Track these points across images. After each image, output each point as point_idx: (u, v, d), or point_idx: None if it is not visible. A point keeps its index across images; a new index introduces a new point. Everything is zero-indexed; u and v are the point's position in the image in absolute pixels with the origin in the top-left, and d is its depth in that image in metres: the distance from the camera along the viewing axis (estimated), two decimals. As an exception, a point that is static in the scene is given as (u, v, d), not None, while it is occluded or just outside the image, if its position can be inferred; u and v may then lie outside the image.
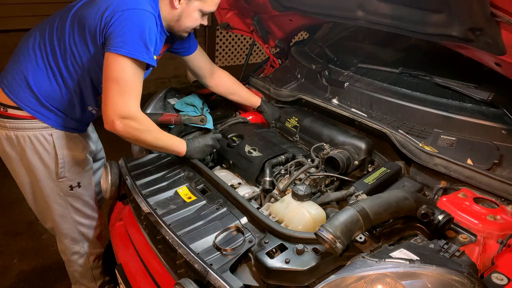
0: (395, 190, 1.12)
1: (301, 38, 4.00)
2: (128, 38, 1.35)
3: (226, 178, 1.53)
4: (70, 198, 1.72)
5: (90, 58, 1.50)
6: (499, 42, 1.18)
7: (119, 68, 1.36)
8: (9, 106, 1.55)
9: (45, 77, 1.53)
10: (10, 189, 3.11)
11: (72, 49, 1.49)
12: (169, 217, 1.29)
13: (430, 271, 0.87)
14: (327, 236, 0.95)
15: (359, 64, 1.97)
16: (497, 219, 1.11)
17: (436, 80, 1.63)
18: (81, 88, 1.58)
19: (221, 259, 1.11)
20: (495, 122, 1.42)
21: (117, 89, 1.36)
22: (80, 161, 1.71)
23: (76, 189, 1.72)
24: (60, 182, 1.67)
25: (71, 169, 1.68)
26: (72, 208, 1.75)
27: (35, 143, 1.58)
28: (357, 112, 1.69)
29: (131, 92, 1.38)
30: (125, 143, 1.53)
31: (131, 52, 1.35)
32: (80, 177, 1.73)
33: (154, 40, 1.41)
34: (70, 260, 1.90)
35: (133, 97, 1.39)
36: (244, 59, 5.83)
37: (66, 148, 1.64)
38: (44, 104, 1.55)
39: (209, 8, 1.55)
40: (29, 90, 1.54)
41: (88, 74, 1.54)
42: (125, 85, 1.37)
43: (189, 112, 1.91)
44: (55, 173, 1.64)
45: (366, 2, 1.52)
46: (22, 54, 1.56)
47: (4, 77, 1.58)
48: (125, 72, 1.36)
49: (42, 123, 1.57)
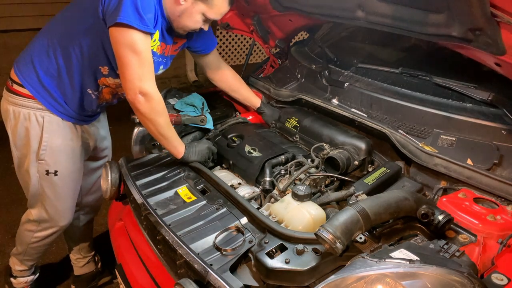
0: (395, 190, 1.12)
1: (301, 38, 4.00)
2: (121, 7, 1.36)
3: (226, 178, 1.53)
4: (44, 182, 1.75)
5: (92, 37, 1.53)
6: (499, 42, 1.18)
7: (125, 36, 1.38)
8: (15, 81, 1.64)
9: (46, 54, 1.60)
10: (10, 189, 3.11)
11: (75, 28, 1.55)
12: (169, 217, 1.29)
13: (430, 271, 0.87)
14: (327, 236, 0.95)
15: (359, 64, 1.97)
16: (497, 219, 1.11)
17: (436, 80, 1.63)
18: (81, 68, 1.61)
19: (221, 259, 1.11)
20: (495, 122, 1.42)
21: (134, 60, 1.39)
22: (63, 150, 1.72)
23: (52, 176, 1.73)
24: (39, 164, 1.71)
25: (53, 154, 1.70)
26: (43, 191, 1.78)
27: (26, 121, 1.65)
28: (357, 112, 1.70)
29: (146, 64, 1.42)
30: (125, 143, 1.54)
31: (125, 18, 1.35)
32: (59, 165, 1.73)
33: (148, 9, 1.40)
34: (22, 224, 1.94)
35: (150, 73, 1.45)
36: (244, 59, 5.83)
37: (53, 133, 1.68)
38: (43, 84, 1.61)
39: (213, 15, 1.55)
40: (31, 65, 1.61)
41: (90, 54, 1.57)
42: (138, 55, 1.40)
43: (189, 112, 1.91)
44: (36, 154, 1.69)
45: (366, 2, 1.52)
46: (37, 35, 1.66)
47: (19, 55, 1.70)
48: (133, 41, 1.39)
49: (38, 104, 1.63)
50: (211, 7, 1.51)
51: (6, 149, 1.87)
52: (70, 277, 2.35)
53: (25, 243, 1.97)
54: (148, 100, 1.43)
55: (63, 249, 2.57)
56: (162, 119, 1.49)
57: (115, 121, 2.35)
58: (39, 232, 1.90)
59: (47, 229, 1.89)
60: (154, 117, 1.47)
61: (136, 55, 1.39)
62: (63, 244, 2.61)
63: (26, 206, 1.89)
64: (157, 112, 1.47)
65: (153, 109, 1.45)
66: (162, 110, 1.50)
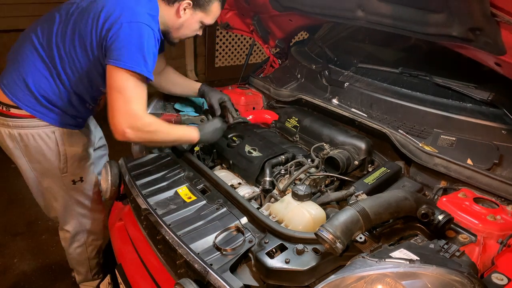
0: (395, 190, 1.12)
1: (301, 38, 4.00)
2: (127, 51, 1.37)
3: (226, 178, 1.52)
4: (72, 192, 1.77)
5: (89, 64, 1.52)
6: (499, 42, 1.18)
7: (120, 79, 1.38)
8: (11, 105, 1.57)
9: (44, 78, 1.55)
10: (10, 189, 3.11)
11: (72, 56, 1.51)
12: (169, 217, 1.29)
13: (430, 271, 0.87)
14: (327, 236, 0.95)
15: (359, 64, 1.97)
16: (497, 219, 1.11)
17: (436, 80, 1.63)
18: (79, 89, 1.60)
19: (221, 259, 1.11)
20: (495, 122, 1.42)
21: (122, 99, 1.38)
22: (82, 157, 1.75)
23: (79, 183, 1.76)
24: (63, 177, 1.71)
25: (73, 164, 1.72)
26: (75, 200, 1.80)
27: (38, 141, 1.62)
28: (357, 112, 1.69)
29: (135, 100, 1.41)
30: (125, 143, 1.54)
31: (130, 66, 1.37)
32: (82, 171, 1.76)
33: (152, 53, 1.43)
34: (69, 248, 1.96)
35: (137, 105, 1.41)
36: (244, 59, 5.83)
37: (68, 144, 1.68)
38: (43, 103, 1.58)
39: (209, 21, 1.61)
40: (28, 90, 1.55)
41: (87, 76, 1.56)
42: (129, 95, 1.39)
43: (189, 112, 1.92)
44: (58, 169, 1.69)
45: (366, 2, 1.52)
46: (20, 54, 1.57)
47: (4, 77, 1.60)
48: (127, 83, 1.39)
49: (43, 122, 1.60)
50: (208, 13, 1.59)
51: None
52: (70, 276, 2.35)
53: (84, 260, 2.00)
54: (136, 130, 1.40)
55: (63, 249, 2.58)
56: (160, 135, 1.47)
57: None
58: (88, 239, 1.94)
59: (92, 233, 1.93)
60: (153, 138, 1.47)
61: (127, 92, 1.38)
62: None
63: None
64: (152, 133, 1.45)
65: (147, 133, 1.43)
66: (155, 128, 1.46)
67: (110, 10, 1.41)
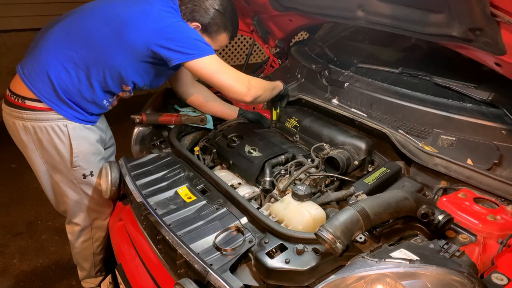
0: (395, 190, 1.12)
1: (301, 38, 4.00)
2: (189, 44, 1.51)
3: (226, 178, 1.53)
4: (83, 186, 1.79)
5: (126, 66, 1.57)
6: (499, 42, 1.18)
7: (205, 67, 1.54)
8: (27, 98, 1.59)
9: (65, 71, 1.57)
10: (10, 189, 3.11)
11: (106, 52, 1.54)
12: (169, 217, 1.29)
13: (430, 271, 0.87)
14: (327, 236, 0.95)
15: (359, 64, 1.97)
16: (497, 219, 1.11)
17: (436, 80, 1.63)
18: (101, 85, 1.63)
19: (221, 259, 1.11)
20: (495, 122, 1.42)
21: (222, 75, 1.56)
22: (93, 151, 1.76)
23: (89, 177, 1.78)
24: (74, 171, 1.73)
25: (85, 158, 1.73)
26: (85, 194, 1.82)
27: (51, 134, 1.63)
28: (357, 112, 1.69)
29: (229, 70, 1.59)
30: (125, 143, 1.54)
31: (202, 54, 1.52)
32: (93, 166, 1.77)
33: (198, 34, 1.58)
34: (76, 242, 1.97)
35: (232, 71, 1.60)
36: (244, 59, 5.83)
37: (80, 138, 1.69)
38: (61, 97, 1.60)
39: (214, 48, 1.67)
40: (49, 83, 1.57)
41: (116, 73, 1.59)
42: (222, 70, 1.57)
43: (189, 112, 1.91)
44: (70, 162, 1.70)
45: (366, 2, 1.52)
46: (45, 46, 1.58)
47: (25, 67, 1.61)
48: (212, 66, 1.55)
49: (58, 115, 1.62)
50: (215, 41, 1.72)
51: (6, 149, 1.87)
52: (70, 276, 2.35)
53: (89, 255, 2.01)
54: (251, 88, 1.60)
55: (63, 249, 2.58)
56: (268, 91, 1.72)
57: (115, 121, 2.35)
58: (95, 233, 1.95)
59: (99, 228, 1.94)
60: (264, 95, 1.69)
61: (221, 71, 1.56)
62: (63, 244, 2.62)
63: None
64: (264, 89, 1.68)
65: (260, 89, 1.65)
66: (262, 85, 1.68)
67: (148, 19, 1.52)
